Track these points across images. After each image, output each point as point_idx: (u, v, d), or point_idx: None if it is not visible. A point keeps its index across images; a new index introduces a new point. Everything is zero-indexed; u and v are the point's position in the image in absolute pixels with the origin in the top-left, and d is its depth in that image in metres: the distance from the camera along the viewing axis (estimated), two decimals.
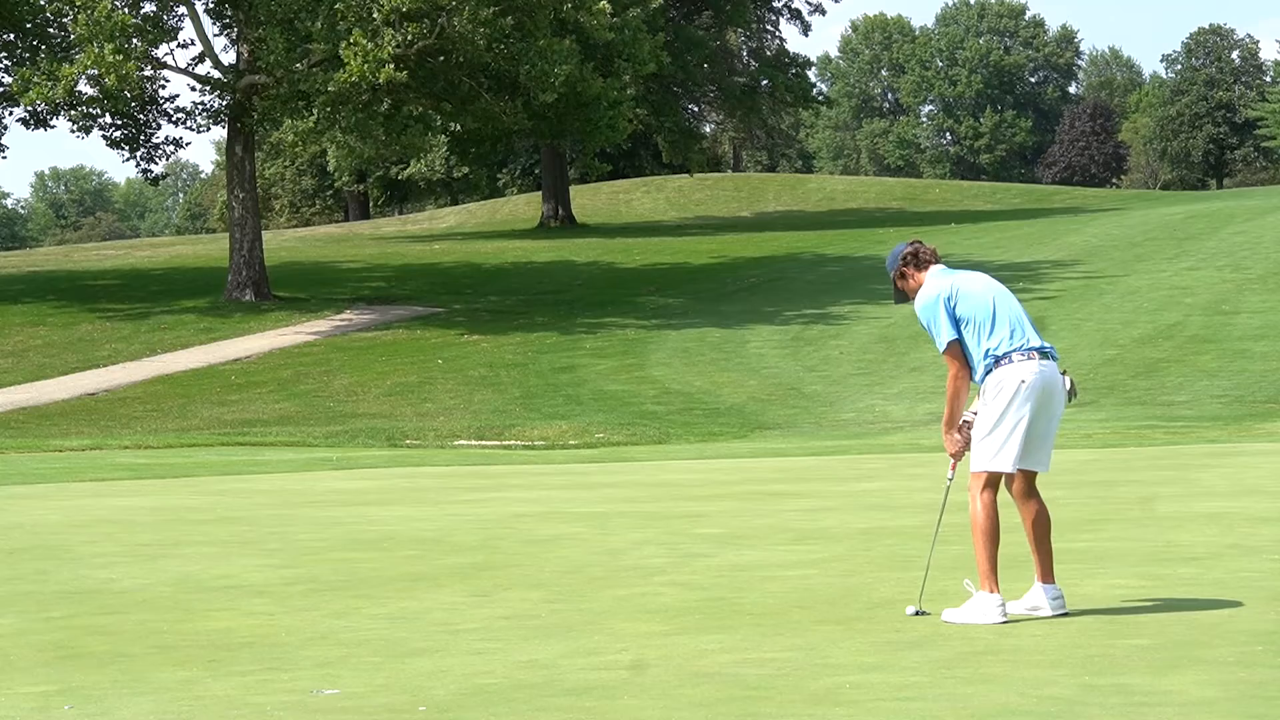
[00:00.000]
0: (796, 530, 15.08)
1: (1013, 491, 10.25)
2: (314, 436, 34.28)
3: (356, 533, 15.72)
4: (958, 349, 10.12)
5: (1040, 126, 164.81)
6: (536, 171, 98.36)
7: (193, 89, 56.03)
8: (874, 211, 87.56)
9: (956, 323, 10.13)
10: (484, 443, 33.30)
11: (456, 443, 33.37)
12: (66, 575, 13.00)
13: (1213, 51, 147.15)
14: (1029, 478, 10.23)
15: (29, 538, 15.82)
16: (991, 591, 9.94)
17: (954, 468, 10.53)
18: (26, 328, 51.23)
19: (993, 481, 10.10)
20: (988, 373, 10.09)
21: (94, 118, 53.23)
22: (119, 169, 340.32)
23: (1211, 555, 12.60)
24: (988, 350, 10.06)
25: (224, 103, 54.90)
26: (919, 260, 10.41)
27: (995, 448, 10.04)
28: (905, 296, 10.56)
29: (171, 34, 52.71)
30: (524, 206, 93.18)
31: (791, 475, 22.71)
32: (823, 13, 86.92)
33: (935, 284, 10.25)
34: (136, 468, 26.50)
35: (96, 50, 47.25)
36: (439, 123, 56.18)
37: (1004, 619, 9.89)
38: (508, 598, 11.43)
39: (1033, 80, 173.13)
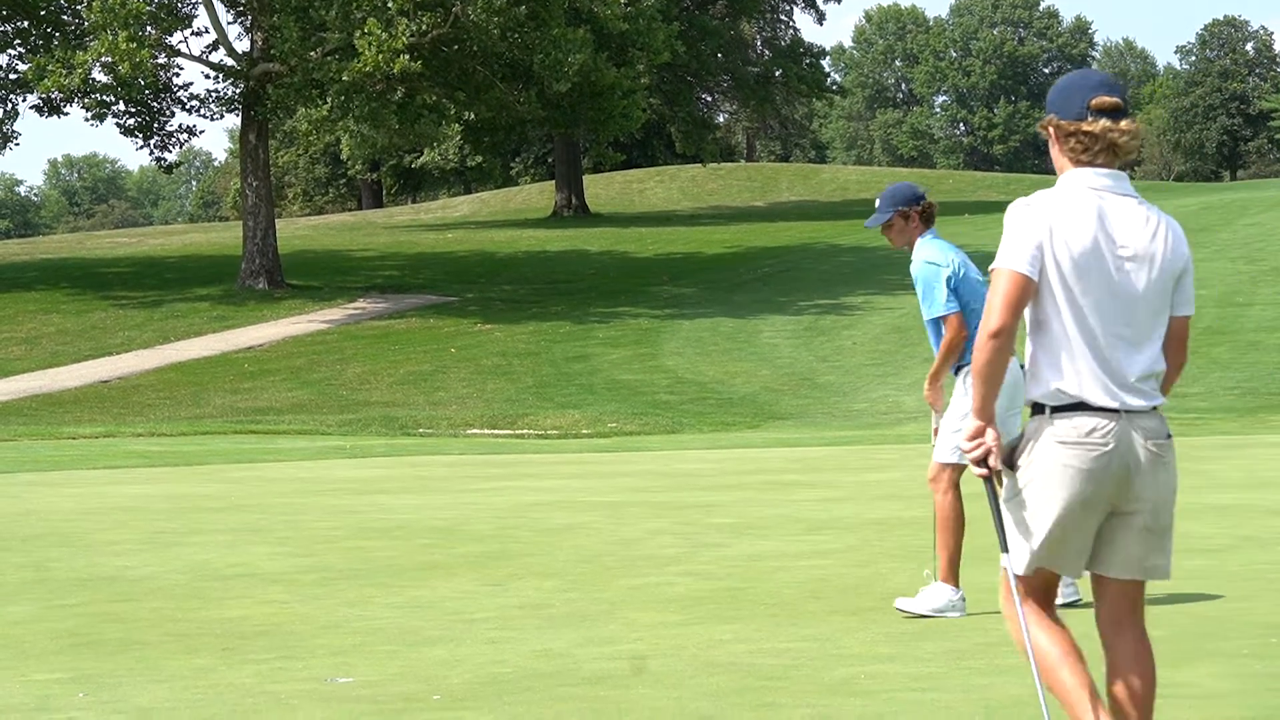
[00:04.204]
0: (809, 520, 15.08)
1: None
2: (327, 425, 34.31)
3: (370, 521, 15.73)
4: (954, 320, 10.12)
5: None
6: (550, 160, 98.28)
7: (206, 77, 56.03)
8: None
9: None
10: (497, 432, 33.32)
11: (469, 431, 33.40)
12: (80, 563, 13.01)
13: (1227, 43, 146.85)
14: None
15: (43, 525, 15.84)
16: (955, 586, 9.94)
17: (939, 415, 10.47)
18: (40, 315, 51.27)
19: (958, 475, 10.12)
20: (964, 364, 10.09)
21: (108, 105, 53.22)
22: (132, 156, 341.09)
23: (1225, 547, 12.59)
24: (967, 339, 10.08)
25: (238, 91, 54.87)
26: (926, 216, 10.45)
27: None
28: (889, 226, 10.50)
29: (185, 21, 52.72)
30: (537, 195, 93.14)
31: (804, 465, 22.70)
32: (837, 2, 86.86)
33: (943, 253, 10.28)
34: (150, 455, 26.53)
35: (110, 38, 47.23)
36: (453, 112, 56.13)
37: (961, 614, 9.87)
38: (521, 587, 11.44)
39: (1046, 71, 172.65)
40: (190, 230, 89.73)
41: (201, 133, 62.67)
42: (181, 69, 55.82)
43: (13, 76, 55.14)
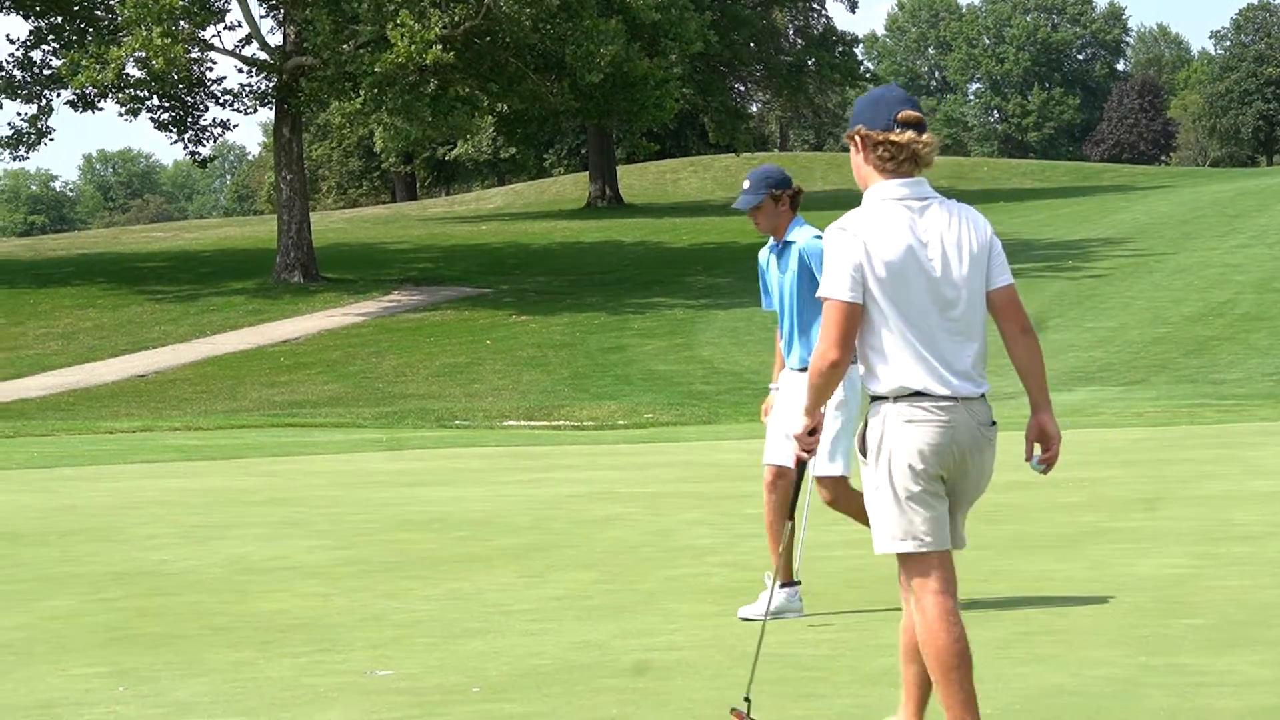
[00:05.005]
0: None
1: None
2: (363, 418, 34.33)
3: (407, 514, 15.74)
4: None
5: (1088, 104, 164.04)
6: (583, 151, 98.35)
7: (240, 71, 56.21)
8: None
9: None
10: (533, 423, 33.31)
11: (505, 423, 33.38)
12: (119, 557, 13.04)
13: (1262, 27, 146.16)
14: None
15: (81, 520, 15.87)
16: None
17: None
18: (76, 310, 51.46)
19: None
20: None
21: (142, 100, 53.43)
22: (166, 151, 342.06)
23: (1265, 534, 12.52)
24: None
25: (271, 84, 55.04)
26: (795, 201, 10.25)
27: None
28: (758, 209, 10.27)
29: (218, 16, 52.90)
30: (571, 186, 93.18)
31: None
32: None
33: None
34: (187, 449, 26.57)
35: (144, 33, 47.42)
36: (485, 103, 56.19)
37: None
38: (559, 578, 11.43)
39: (1080, 57, 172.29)
40: (225, 224, 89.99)
41: (235, 127, 63.12)
42: (215, 63, 56.21)
43: (47, 72, 55.36)
